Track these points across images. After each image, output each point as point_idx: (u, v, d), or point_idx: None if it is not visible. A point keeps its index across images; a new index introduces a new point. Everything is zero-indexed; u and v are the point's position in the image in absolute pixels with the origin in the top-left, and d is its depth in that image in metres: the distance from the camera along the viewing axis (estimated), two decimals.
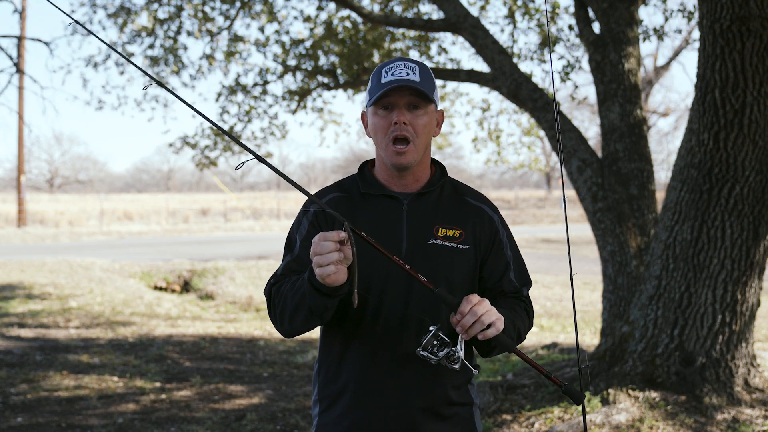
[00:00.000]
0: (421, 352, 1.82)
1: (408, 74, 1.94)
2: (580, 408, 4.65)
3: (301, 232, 2.01)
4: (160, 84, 1.91)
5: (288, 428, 5.08)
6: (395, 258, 1.80)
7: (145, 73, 1.91)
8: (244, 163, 1.92)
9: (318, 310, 1.81)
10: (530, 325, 2.08)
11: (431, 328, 1.82)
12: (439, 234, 1.99)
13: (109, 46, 1.91)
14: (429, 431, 1.98)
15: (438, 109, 2.05)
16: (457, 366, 1.81)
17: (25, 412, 5.35)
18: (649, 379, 4.83)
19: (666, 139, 41.68)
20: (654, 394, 4.69)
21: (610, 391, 4.72)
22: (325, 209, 1.86)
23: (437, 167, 2.10)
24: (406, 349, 1.94)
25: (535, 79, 9.15)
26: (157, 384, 6.24)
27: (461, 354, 1.80)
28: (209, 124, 9.33)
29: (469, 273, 2.00)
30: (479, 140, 10.73)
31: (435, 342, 1.81)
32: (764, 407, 4.66)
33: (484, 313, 1.77)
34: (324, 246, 1.69)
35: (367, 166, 2.11)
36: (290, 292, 1.87)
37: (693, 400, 4.66)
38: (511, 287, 2.05)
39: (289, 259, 2.00)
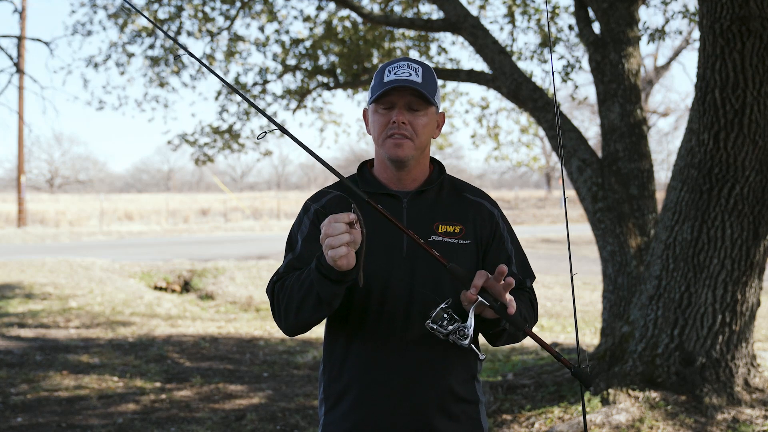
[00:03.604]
0: (431, 325, 1.80)
1: (410, 75, 1.95)
2: (580, 408, 4.65)
3: (302, 231, 2.01)
4: (281, 128, 1.87)
5: (288, 428, 5.08)
6: (409, 231, 1.81)
7: (265, 114, 1.88)
8: (266, 132, 1.92)
9: (327, 297, 1.80)
10: (535, 317, 2.07)
11: (442, 304, 1.81)
12: (440, 230, 1.99)
13: (224, 81, 1.88)
14: (436, 429, 1.96)
15: (439, 111, 2.04)
16: (465, 342, 1.79)
17: (25, 412, 5.35)
18: (649, 379, 4.82)
19: (666, 139, 41.67)
20: (654, 394, 4.68)
21: (610, 391, 4.72)
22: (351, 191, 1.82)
23: (435, 165, 2.11)
24: (410, 344, 1.94)
25: (535, 79, 9.15)
26: (157, 384, 6.24)
27: (470, 331, 1.79)
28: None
29: (471, 268, 1.98)
30: (478, 137, 10.75)
31: (445, 316, 1.80)
32: (764, 407, 4.66)
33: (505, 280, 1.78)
34: (335, 227, 1.70)
35: (366, 165, 2.11)
36: (296, 285, 1.86)
37: (693, 400, 4.66)
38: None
39: (290, 257, 1.99)
